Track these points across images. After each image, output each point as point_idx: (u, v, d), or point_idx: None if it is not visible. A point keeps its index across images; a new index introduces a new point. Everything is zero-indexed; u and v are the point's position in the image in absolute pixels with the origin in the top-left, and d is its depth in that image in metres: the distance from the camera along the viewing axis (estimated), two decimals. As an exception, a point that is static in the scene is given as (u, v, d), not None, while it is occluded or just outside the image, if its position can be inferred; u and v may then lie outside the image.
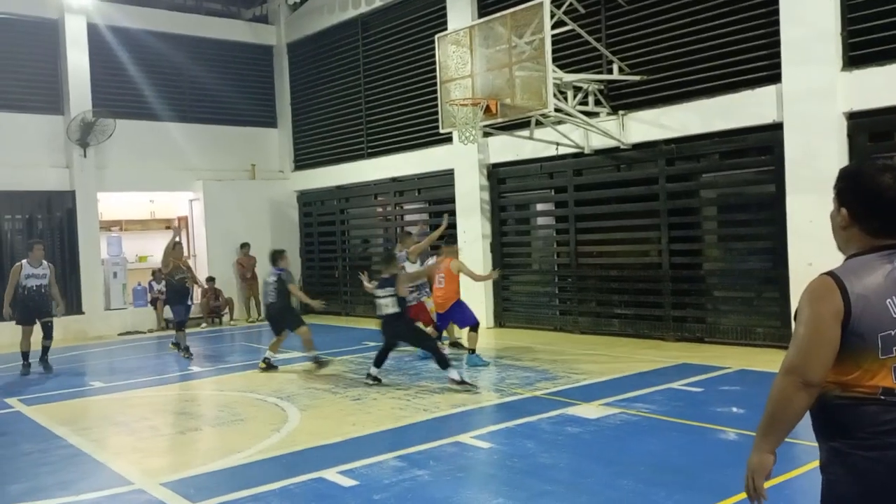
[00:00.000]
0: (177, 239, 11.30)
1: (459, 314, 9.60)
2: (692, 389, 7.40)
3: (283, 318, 9.63)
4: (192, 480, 5.32)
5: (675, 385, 7.57)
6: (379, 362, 8.31)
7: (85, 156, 14.62)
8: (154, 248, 17.51)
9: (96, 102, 14.71)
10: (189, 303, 11.46)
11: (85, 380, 10.04)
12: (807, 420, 2.31)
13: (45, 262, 10.51)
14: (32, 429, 7.11)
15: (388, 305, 7.98)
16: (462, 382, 7.72)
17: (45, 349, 10.55)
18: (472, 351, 9.31)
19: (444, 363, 7.81)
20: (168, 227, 18.05)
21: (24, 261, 10.45)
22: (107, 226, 16.27)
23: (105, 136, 14.51)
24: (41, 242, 11.08)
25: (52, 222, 14.64)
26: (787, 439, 2.33)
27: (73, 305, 14.49)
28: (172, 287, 11.16)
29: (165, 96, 16.01)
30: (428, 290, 9.87)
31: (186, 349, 11.04)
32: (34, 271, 10.34)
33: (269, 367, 9.52)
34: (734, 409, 6.56)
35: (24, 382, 9.66)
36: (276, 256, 9.85)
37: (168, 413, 7.58)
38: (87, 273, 14.63)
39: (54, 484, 5.39)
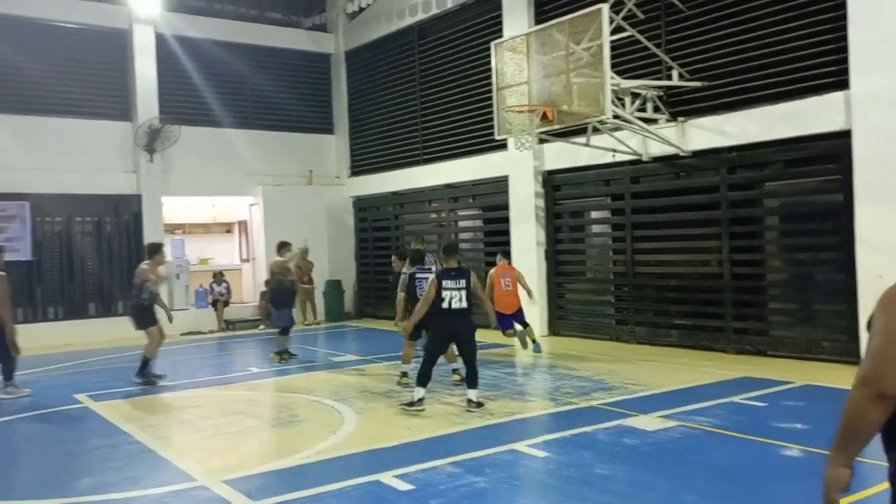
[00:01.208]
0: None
1: (521, 314, 10.86)
2: (755, 404, 7.21)
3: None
4: (253, 479, 5.43)
5: (736, 399, 7.39)
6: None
7: (151, 161, 15.12)
8: (215, 251, 18.03)
9: (163, 110, 15.23)
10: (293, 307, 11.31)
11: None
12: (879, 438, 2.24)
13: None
14: (100, 424, 7.38)
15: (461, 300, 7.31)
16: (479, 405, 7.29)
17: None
18: (534, 341, 10.73)
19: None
20: (228, 231, 18.55)
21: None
22: (171, 229, 16.79)
23: (170, 142, 14.99)
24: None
25: (120, 225, 15.17)
26: (856, 458, 2.25)
27: (138, 306, 14.92)
28: (283, 288, 11.04)
29: (227, 103, 16.46)
30: None
31: (287, 351, 10.91)
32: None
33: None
34: (799, 426, 6.36)
35: (92, 379, 10.01)
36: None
37: (229, 412, 7.76)
38: (152, 274, 15.08)
39: (122, 479, 5.58)
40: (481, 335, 12.48)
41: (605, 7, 9.24)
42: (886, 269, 8.46)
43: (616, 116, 9.59)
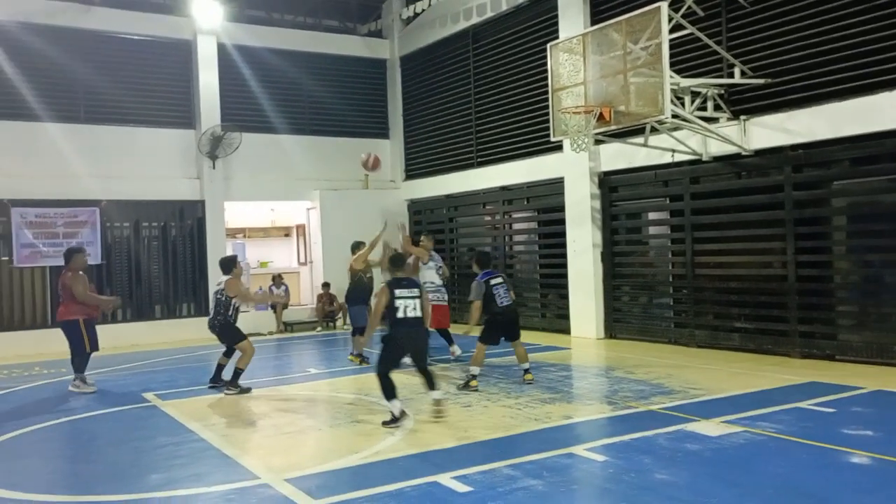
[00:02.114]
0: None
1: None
2: (822, 409, 6.97)
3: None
4: (313, 478, 5.53)
5: (802, 404, 7.16)
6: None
7: (214, 167, 15.55)
8: (274, 255, 18.42)
9: (224, 117, 15.65)
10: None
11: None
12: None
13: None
14: (167, 423, 7.62)
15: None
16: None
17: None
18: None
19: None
20: (287, 235, 18.92)
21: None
22: (232, 233, 17.25)
23: (232, 148, 15.39)
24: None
25: (184, 230, 15.64)
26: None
27: (202, 308, 15.40)
28: (362, 286, 10.87)
29: (285, 110, 16.80)
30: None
31: (360, 354, 10.73)
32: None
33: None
34: (869, 433, 6.13)
35: (159, 378, 10.34)
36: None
37: (289, 412, 7.91)
38: (214, 278, 15.47)
39: (188, 476, 5.75)
40: (533, 338, 12.49)
41: (664, 5, 9.10)
42: (964, 271, 8.09)
43: (675, 116, 9.42)
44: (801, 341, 9.90)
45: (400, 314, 6.98)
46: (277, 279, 16.49)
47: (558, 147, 12.87)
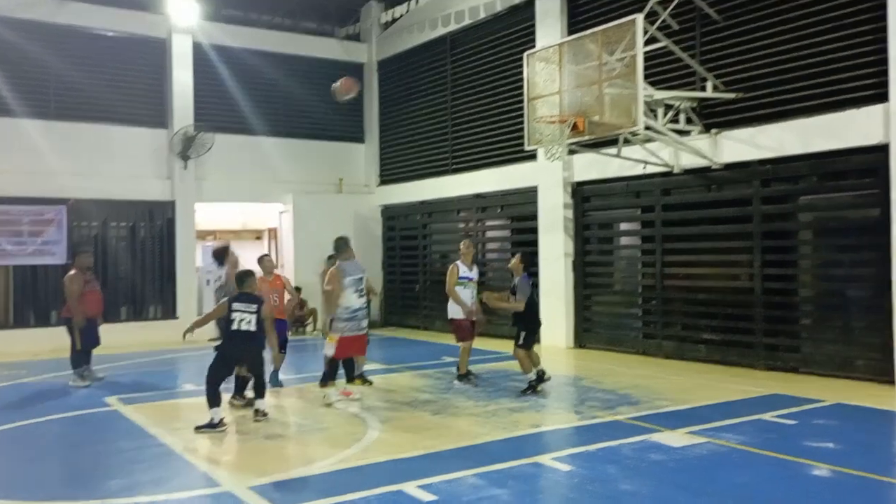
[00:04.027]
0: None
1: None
2: (784, 422, 7.06)
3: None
4: (277, 485, 5.46)
5: (765, 416, 7.25)
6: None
7: (185, 168, 15.37)
8: (244, 258, 18.19)
9: (198, 117, 15.48)
10: None
11: (178, 382, 10.50)
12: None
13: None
14: (129, 427, 7.48)
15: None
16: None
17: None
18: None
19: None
20: (258, 238, 18.74)
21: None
22: (202, 235, 17.03)
23: (205, 149, 15.22)
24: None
25: (153, 230, 15.42)
26: (887, 479, 2.19)
27: (170, 310, 15.21)
28: None
29: (260, 111, 16.67)
30: None
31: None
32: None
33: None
34: (830, 445, 6.22)
35: (123, 382, 10.16)
36: None
37: (253, 419, 7.81)
38: (183, 280, 15.32)
39: (148, 481, 5.65)
40: (503, 346, 12.47)
41: (640, 18, 9.20)
42: (924, 287, 8.27)
43: (648, 128, 9.52)
44: (765, 353, 10.04)
45: (234, 326, 7.34)
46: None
47: (532, 156, 12.93)
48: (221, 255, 9.11)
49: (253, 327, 7.39)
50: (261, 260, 9.78)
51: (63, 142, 14.43)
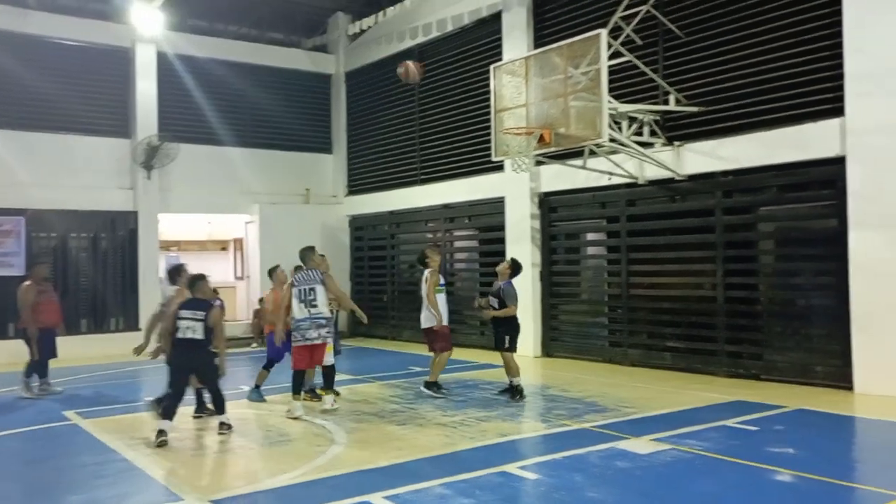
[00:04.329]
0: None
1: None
2: (747, 428, 7.17)
3: None
4: (240, 499, 5.38)
5: (729, 423, 7.36)
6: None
7: (149, 178, 15.15)
8: (210, 269, 17.91)
9: (162, 127, 15.29)
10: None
11: (139, 395, 10.28)
12: (874, 465, 2.23)
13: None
14: (89, 442, 7.31)
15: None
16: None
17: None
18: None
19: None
20: (223, 249, 18.52)
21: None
22: (166, 246, 16.79)
23: (169, 159, 15.04)
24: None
25: (115, 241, 15.16)
26: (848, 483, 2.24)
27: (132, 322, 14.94)
28: None
29: (227, 122, 16.54)
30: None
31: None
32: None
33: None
34: (790, 450, 6.33)
35: (82, 395, 9.93)
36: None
37: (217, 431, 7.69)
38: (146, 291, 15.05)
39: (109, 497, 5.52)
40: (470, 355, 12.52)
41: (604, 32, 9.34)
42: (880, 295, 8.49)
43: (613, 140, 9.65)
44: (728, 361, 10.20)
45: (179, 335, 7.13)
46: (212, 294, 16.08)
47: (500, 167, 13.01)
48: (174, 274, 8.68)
49: (199, 335, 7.13)
50: (273, 271, 9.61)
51: (23, 152, 14.15)
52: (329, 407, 8.37)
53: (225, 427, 7.41)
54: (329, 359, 8.62)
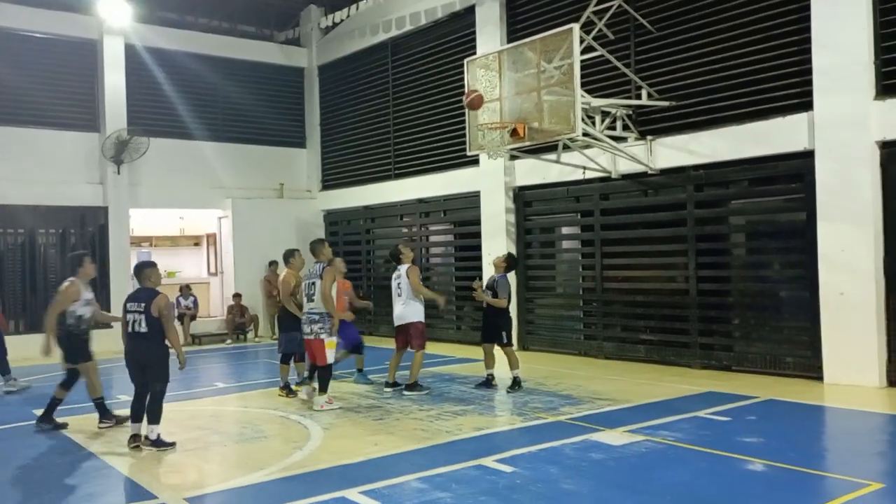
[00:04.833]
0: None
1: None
2: (719, 418, 7.28)
3: None
4: (216, 496, 5.35)
5: (701, 413, 7.46)
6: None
7: (119, 173, 14.92)
8: (182, 264, 17.80)
9: (131, 121, 15.05)
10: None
11: (112, 393, 10.12)
12: (843, 454, 2.27)
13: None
14: (61, 441, 7.21)
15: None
16: None
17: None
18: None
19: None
20: (196, 244, 18.31)
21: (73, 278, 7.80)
22: (137, 241, 16.56)
23: (139, 153, 14.81)
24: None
25: (85, 237, 14.91)
26: (817, 472, 2.29)
27: (103, 319, 14.71)
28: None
29: (198, 116, 16.33)
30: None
31: (286, 386, 9.17)
32: (89, 295, 7.81)
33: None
34: (762, 440, 6.44)
35: (52, 394, 9.74)
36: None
37: (192, 428, 7.62)
38: (117, 288, 14.78)
39: (82, 496, 5.46)
40: (446, 350, 12.54)
41: (576, 27, 9.37)
42: (847, 287, 8.66)
43: (586, 134, 9.70)
44: (701, 352, 10.34)
45: (128, 329, 6.75)
46: (185, 290, 15.94)
47: (474, 161, 13.02)
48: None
49: (143, 328, 6.64)
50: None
51: (-13, 146, 13.84)
52: (319, 408, 8.12)
53: (146, 442, 6.62)
54: (329, 357, 8.21)
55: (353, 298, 10.45)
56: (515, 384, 9.01)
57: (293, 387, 9.15)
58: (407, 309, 9.10)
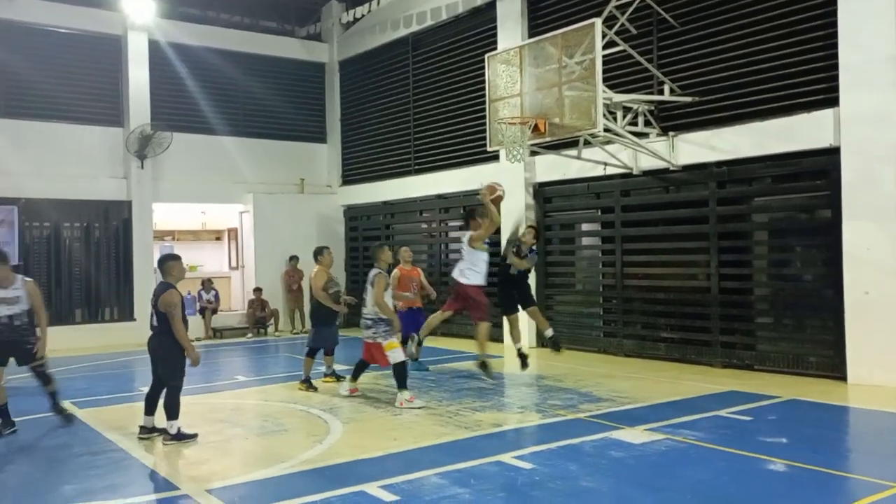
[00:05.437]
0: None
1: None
2: (740, 418, 7.22)
3: None
4: (237, 488, 5.40)
5: (722, 413, 7.40)
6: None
7: (142, 167, 15.08)
8: (204, 259, 17.97)
9: (155, 116, 15.20)
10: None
11: (135, 385, 10.27)
12: (867, 455, 2.25)
13: (20, 280, 7.95)
14: (84, 432, 7.32)
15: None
16: None
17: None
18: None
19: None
20: (218, 238, 18.48)
21: None
22: (160, 235, 16.75)
23: (162, 148, 14.96)
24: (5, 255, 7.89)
25: (109, 231, 15.10)
26: (840, 473, 2.26)
27: (126, 312, 14.93)
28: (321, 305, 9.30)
29: (220, 111, 16.45)
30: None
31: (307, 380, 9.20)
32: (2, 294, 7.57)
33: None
34: (783, 440, 6.38)
35: (77, 385, 9.91)
36: None
37: (214, 421, 7.70)
38: (140, 281, 15.00)
39: (104, 487, 5.53)
40: (463, 346, 12.53)
41: (598, 22, 9.31)
42: (873, 286, 8.53)
43: (607, 130, 9.64)
44: (722, 351, 10.25)
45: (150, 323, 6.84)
46: (207, 284, 16.09)
47: (494, 157, 12.98)
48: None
49: (155, 323, 6.72)
50: (396, 252, 9.65)
51: (15, 140, 14.05)
52: (398, 405, 7.97)
53: (165, 437, 6.68)
54: (395, 357, 8.14)
55: (424, 285, 10.87)
56: (555, 342, 9.71)
57: (323, 378, 9.40)
58: (471, 272, 9.57)
